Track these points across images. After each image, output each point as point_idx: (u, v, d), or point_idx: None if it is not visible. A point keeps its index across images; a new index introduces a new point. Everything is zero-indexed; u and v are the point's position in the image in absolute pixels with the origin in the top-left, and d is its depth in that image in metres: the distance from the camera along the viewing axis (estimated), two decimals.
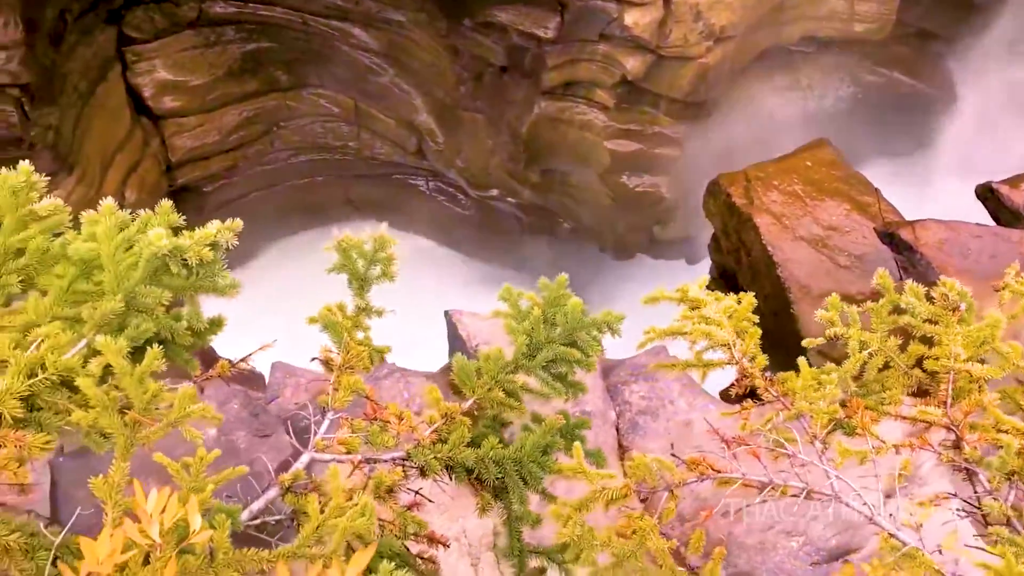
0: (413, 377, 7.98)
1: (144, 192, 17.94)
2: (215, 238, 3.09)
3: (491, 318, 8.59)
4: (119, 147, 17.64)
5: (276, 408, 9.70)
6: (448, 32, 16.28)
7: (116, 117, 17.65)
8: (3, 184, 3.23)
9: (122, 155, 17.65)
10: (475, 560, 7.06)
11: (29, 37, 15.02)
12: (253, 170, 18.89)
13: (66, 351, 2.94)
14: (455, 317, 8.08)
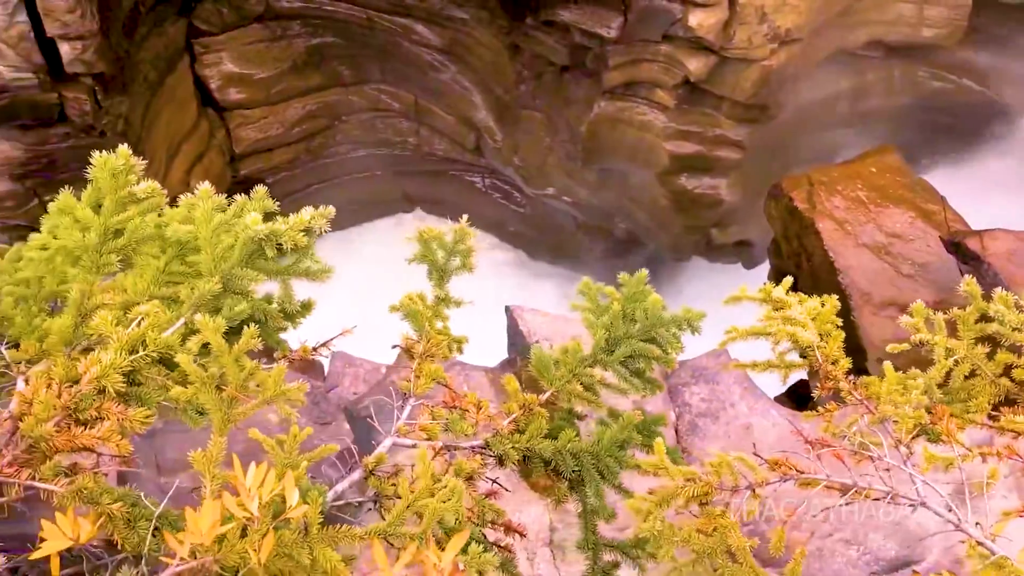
0: (472, 371, 8.03)
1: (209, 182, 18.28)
2: (309, 224, 3.16)
3: (552, 314, 8.62)
4: (185, 137, 18.03)
5: (335, 397, 9.85)
6: (510, 30, 16.33)
7: (183, 108, 18.04)
8: (104, 166, 3.33)
9: (188, 145, 18.04)
10: (531, 555, 7.09)
11: (104, 27, 15.42)
12: (314, 163, 19.15)
13: (165, 329, 3.04)
14: (516, 313, 8.12)
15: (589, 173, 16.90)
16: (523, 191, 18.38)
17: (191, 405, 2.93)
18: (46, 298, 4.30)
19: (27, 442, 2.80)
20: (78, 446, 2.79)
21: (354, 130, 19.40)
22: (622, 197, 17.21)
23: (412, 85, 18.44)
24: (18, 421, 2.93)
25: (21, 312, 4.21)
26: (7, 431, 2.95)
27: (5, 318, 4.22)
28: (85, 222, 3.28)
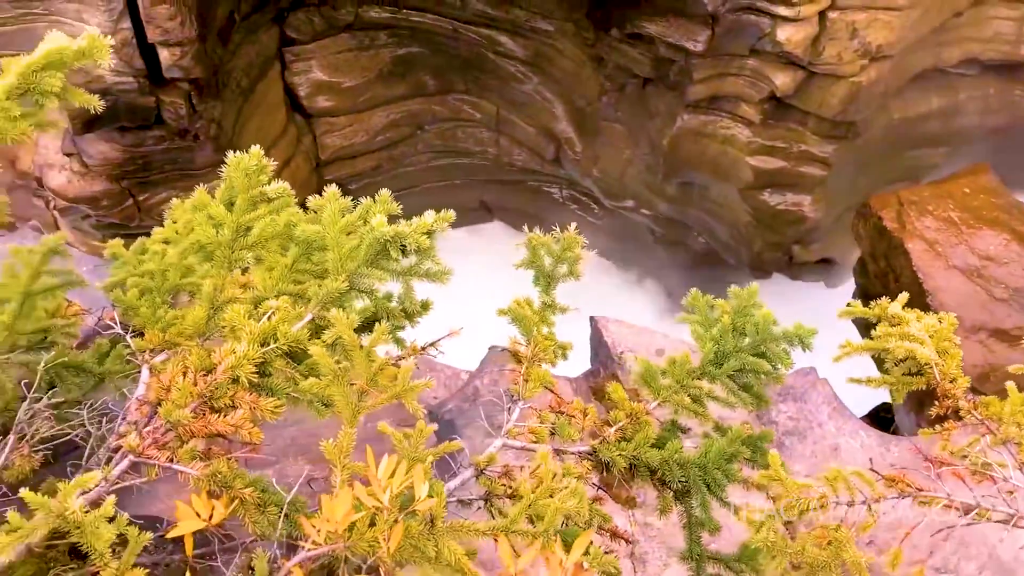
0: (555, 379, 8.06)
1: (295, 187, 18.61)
2: (431, 227, 3.25)
3: (636, 326, 8.61)
4: (274, 143, 18.51)
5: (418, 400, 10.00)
6: (595, 42, 16.39)
7: (273, 114, 18.54)
8: (237, 166, 3.48)
9: (276, 150, 18.51)
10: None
11: (202, 35, 15.97)
12: (396, 171, 19.46)
13: (293, 324, 3.15)
14: (600, 323, 8.13)
15: (669, 186, 16.82)
16: (601, 203, 18.38)
17: (318, 397, 3.04)
18: (169, 290, 4.50)
19: (165, 426, 2.93)
20: (213, 432, 2.92)
21: (435, 139, 19.67)
22: (702, 211, 17.08)
23: (494, 95, 18.61)
24: (156, 406, 3.08)
25: (146, 303, 4.40)
26: (145, 415, 3.10)
27: (131, 308, 4.42)
28: (218, 219, 3.43)
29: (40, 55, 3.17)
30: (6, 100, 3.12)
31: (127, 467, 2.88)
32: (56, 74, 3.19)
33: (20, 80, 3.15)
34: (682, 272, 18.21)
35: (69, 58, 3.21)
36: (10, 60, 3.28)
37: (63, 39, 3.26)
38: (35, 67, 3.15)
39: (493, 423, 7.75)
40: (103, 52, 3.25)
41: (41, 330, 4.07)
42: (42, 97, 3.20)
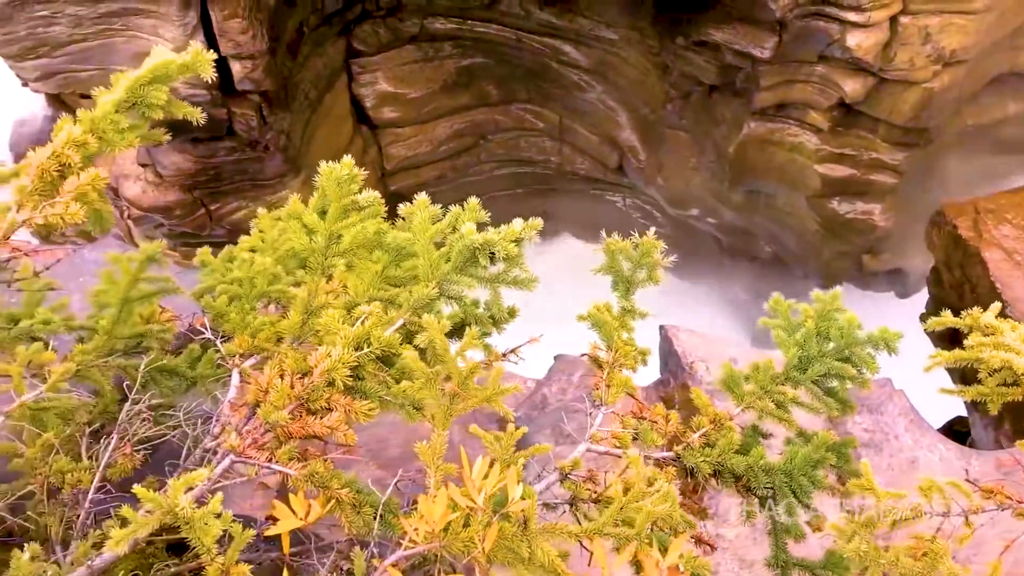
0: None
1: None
2: (520, 235, 3.30)
3: (707, 335, 8.56)
4: (340, 153, 18.76)
5: (484, 407, 10.07)
6: (659, 50, 16.34)
7: (339, 125, 18.89)
8: (330, 176, 3.58)
9: None
10: None
11: (272, 48, 16.36)
12: (459, 180, 19.64)
13: (386, 328, 3.23)
14: (671, 332, 8.10)
15: (735, 195, 16.67)
16: (666, 212, 18.29)
17: (410, 401, 3.11)
18: (257, 297, 4.64)
19: (264, 427, 3.03)
20: (309, 433, 3.00)
21: (498, 149, 19.80)
22: (769, 220, 16.89)
23: (557, 104, 18.67)
24: (254, 408, 3.18)
25: (235, 309, 4.55)
26: (243, 417, 3.21)
27: (220, 314, 4.57)
28: (312, 227, 3.53)
29: (147, 70, 3.31)
30: (115, 113, 3.26)
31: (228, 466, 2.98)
32: (161, 88, 3.33)
33: (128, 94, 3.30)
34: (747, 281, 18.02)
35: (174, 72, 3.35)
36: (119, 75, 3.43)
37: (168, 54, 3.40)
38: (142, 81, 3.29)
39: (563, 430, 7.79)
40: (206, 66, 3.38)
41: (137, 335, 4.23)
42: (148, 110, 3.34)
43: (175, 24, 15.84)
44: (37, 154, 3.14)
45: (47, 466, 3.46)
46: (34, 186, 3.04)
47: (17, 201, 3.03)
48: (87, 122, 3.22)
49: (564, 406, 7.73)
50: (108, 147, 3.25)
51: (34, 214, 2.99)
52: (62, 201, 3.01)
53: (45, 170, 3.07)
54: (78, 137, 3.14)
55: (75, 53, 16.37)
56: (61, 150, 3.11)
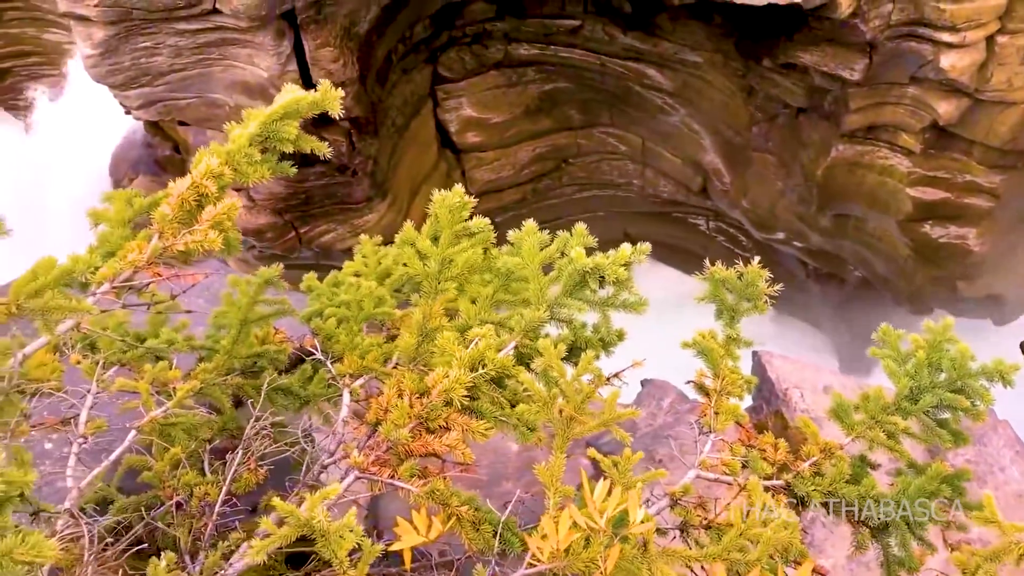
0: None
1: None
2: (629, 259, 3.36)
3: (801, 361, 8.44)
4: (425, 177, 19.22)
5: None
6: (745, 73, 16.25)
7: (425, 150, 19.27)
8: (443, 203, 3.71)
9: (427, 185, 19.21)
10: None
11: (362, 75, 16.83)
12: (541, 203, 19.78)
13: (499, 351, 3.32)
14: (765, 358, 8.02)
15: (823, 218, 16.39)
16: (751, 235, 18.09)
17: (524, 422, 3.19)
18: (365, 319, 4.80)
19: (386, 444, 3.15)
20: (429, 451, 3.10)
21: (580, 172, 19.90)
22: (858, 244, 16.54)
23: (640, 128, 18.70)
24: (374, 426, 3.30)
25: (343, 331, 4.71)
26: (364, 435, 3.33)
27: (329, 336, 4.74)
28: (425, 252, 3.66)
29: (279, 106, 3.50)
30: (249, 147, 3.45)
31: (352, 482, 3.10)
32: (292, 123, 3.51)
33: (261, 128, 3.48)
34: (833, 306, 17.66)
35: (304, 109, 3.53)
36: (251, 111, 3.62)
37: (298, 91, 3.58)
38: (275, 117, 3.48)
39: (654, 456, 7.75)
40: (334, 103, 3.54)
41: (255, 355, 4.42)
42: (279, 144, 3.52)
43: (269, 53, 16.44)
44: (177, 184, 3.34)
45: (175, 479, 3.64)
46: (175, 214, 3.23)
47: (159, 228, 3.22)
48: (223, 155, 3.41)
49: (655, 432, 7.71)
50: (242, 178, 3.43)
51: (175, 241, 3.17)
52: (200, 229, 3.19)
53: (185, 199, 3.27)
54: (215, 169, 3.33)
55: (175, 82, 17.12)
56: (200, 181, 3.30)
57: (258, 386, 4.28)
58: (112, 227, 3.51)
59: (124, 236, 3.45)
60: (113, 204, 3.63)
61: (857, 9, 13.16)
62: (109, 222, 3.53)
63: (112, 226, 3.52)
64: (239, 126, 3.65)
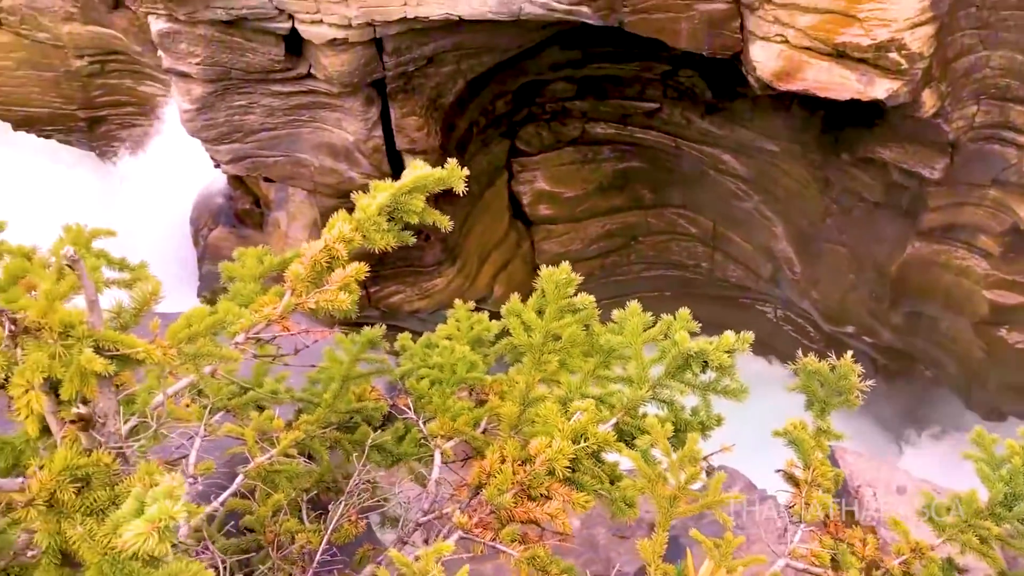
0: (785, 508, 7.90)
1: (510, 289, 19.63)
2: (733, 346, 3.47)
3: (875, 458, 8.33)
4: (495, 246, 19.56)
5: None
6: (822, 164, 16.33)
7: (497, 219, 19.64)
8: (550, 278, 3.88)
9: (497, 253, 19.54)
10: None
11: (444, 144, 17.37)
12: (608, 279, 19.92)
13: (600, 425, 3.44)
14: (837, 453, 7.94)
15: (895, 315, 16.20)
16: (819, 327, 17.93)
17: (623, 498, 3.28)
18: (457, 383, 4.95)
19: (488, 508, 3.26)
20: (530, 518, 3.21)
21: (649, 250, 20.04)
22: (930, 343, 16.28)
23: (712, 211, 18.82)
24: (476, 489, 3.42)
25: (436, 393, 4.87)
26: (466, 496, 3.45)
27: (421, 397, 4.90)
28: (530, 324, 3.82)
29: (409, 180, 3.73)
30: (378, 216, 3.68)
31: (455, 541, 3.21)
32: (420, 196, 3.73)
33: (390, 199, 3.71)
34: (901, 404, 17.30)
35: (432, 184, 3.75)
36: (379, 183, 3.87)
37: (426, 167, 3.81)
38: (404, 190, 3.71)
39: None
40: (459, 181, 3.75)
41: (352, 410, 4.60)
42: (406, 215, 3.74)
43: (357, 119, 17.09)
44: (311, 246, 3.57)
45: (277, 525, 3.80)
46: (307, 274, 3.45)
47: (291, 286, 3.44)
48: (354, 222, 3.64)
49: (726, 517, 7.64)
50: (370, 244, 3.65)
51: (306, 299, 3.39)
52: (331, 289, 3.40)
53: (317, 260, 3.49)
54: (347, 234, 3.56)
55: (265, 140, 17.86)
56: (332, 244, 3.53)
57: (355, 440, 4.44)
58: (244, 281, 3.74)
59: (255, 290, 3.68)
60: (245, 260, 3.87)
61: (941, 109, 13.23)
62: (241, 277, 3.77)
63: (244, 280, 3.75)
64: (368, 196, 3.89)
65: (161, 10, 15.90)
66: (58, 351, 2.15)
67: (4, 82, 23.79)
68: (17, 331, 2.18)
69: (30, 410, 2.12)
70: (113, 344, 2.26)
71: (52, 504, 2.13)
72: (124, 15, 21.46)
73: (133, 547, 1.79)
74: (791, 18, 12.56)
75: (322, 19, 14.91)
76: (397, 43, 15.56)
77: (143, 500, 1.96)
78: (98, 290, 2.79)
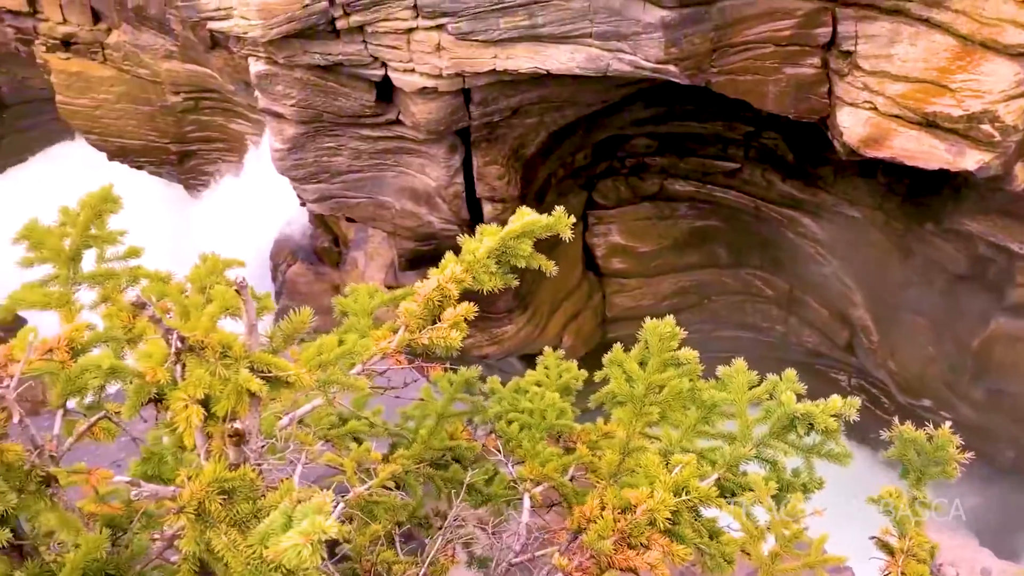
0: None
1: (579, 340, 19.67)
2: (840, 410, 3.48)
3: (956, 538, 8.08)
4: (567, 296, 19.65)
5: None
6: (905, 233, 16.11)
7: (569, 270, 19.76)
8: (654, 331, 3.95)
9: (568, 304, 19.62)
10: None
11: (522, 194, 17.63)
12: None
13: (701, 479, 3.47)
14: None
15: (975, 390, 15.75)
16: (894, 398, 17.51)
17: (723, 554, 3.30)
18: (547, 429, 5.02)
19: (588, 553, 3.31)
20: (629, 566, 3.24)
21: (722, 310, 19.89)
22: (1012, 422, 15.75)
23: (788, 274, 18.65)
24: (576, 533, 3.47)
25: (526, 437, 4.94)
26: (564, 540, 3.50)
27: (511, 440, 4.97)
28: (633, 375, 3.88)
29: (518, 225, 3.86)
30: (487, 258, 3.81)
31: None
32: (528, 241, 3.85)
33: (500, 243, 3.84)
34: (980, 483, 16.70)
35: (539, 230, 3.88)
36: (487, 227, 4.00)
37: (533, 214, 3.94)
38: (513, 234, 3.84)
39: None
40: (566, 228, 3.87)
41: (446, 448, 4.69)
42: (514, 259, 3.87)
43: (440, 165, 17.49)
44: (424, 285, 3.71)
45: (374, 555, 3.89)
46: (420, 311, 3.58)
47: (405, 322, 3.57)
48: (465, 264, 3.77)
49: None
50: (479, 286, 3.78)
51: (420, 335, 3.52)
52: (443, 327, 3.52)
53: (430, 299, 3.62)
54: (458, 275, 3.69)
55: (350, 181, 18.36)
56: (444, 284, 3.67)
57: (447, 478, 4.53)
58: (356, 316, 3.90)
59: (367, 325, 3.82)
60: (357, 296, 4.03)
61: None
62: (354, 311, 3.92)
63: (356, 315, 3.91)
64: (475, 240, 4.02)
65: (261, 53, 16.59)
66: (218, 370, 2.31)
67: (104, 114, 24.97)
68: (183, 349, 2.34)
69: (188, 423, 2.28)
70: (266, 366, 2.41)
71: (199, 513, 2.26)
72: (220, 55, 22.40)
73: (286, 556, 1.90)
74: (881, 86, 12.53)
75: (414, 68, 15.38)
76: (484, 94, 15.94)
77: (290, 514, 2.07)
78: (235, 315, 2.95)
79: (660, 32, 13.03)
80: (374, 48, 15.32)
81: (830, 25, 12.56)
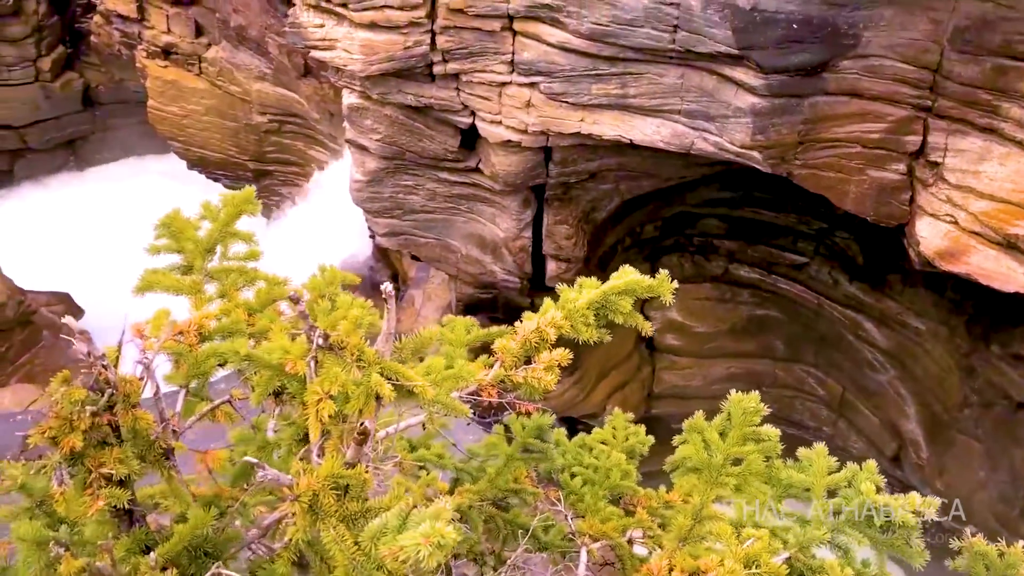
0: None
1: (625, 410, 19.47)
2: (919, 508, 3.48)
3: None
4: (616, 365, 19.61)
5: None
6: (968, 352, 15.85)
7: (622, 340, 19.74)
8: (738, 404, 4.00)
9: (616, 372, 19.57)
10: None
11: (588, 256, 17.78)
12: None
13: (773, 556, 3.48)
14: None
15: None
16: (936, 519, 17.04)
17: None
18: (610, 488, 5.05)
19: None
20: None
21: (771, 402, 19.41)
22: None
23: (843, 377, 18.41)
24: None
25: (589, 492, 4.98)
26: None
27: (573, 493, 5.01)
28: (712, 444, 3.93)
29: (621, 283, 3.97)
30: (587, 309, 3.92)
31: None
32: (628, 299, 3.95)
33: (601, 297, 3.95)
34: None
35: (641, 290, 3.98)
36: (587, 280, 4.12)
37: (637, 274, 4.04)
38: (616, 290, 3.94)
39: None
40: (668, 291, 3.96)
41: (510, 490, 4.75)
42: (612, 314, 3.97)
43: (511, 217, 17.74)
44: (523, 325, 3.82)
45: None
46: (517, 349, 3.69)
47: (502, 358, 3.68)
48: (565, 311, 3.88)
49: None
50: (575, 335, 3.88)
51: (515, 372, 3.62)
52: (538, 367, 3.62)
53: (528, 339, 3.73)
54: (557, 320, 3.80)
55: (421, 220, 18.69)
56: (543, 327, 3.77)
57: (507, 519, 4.58)
58: (452, 348, 4.01)
59: (462, 356, 3.94)
60: (454, 327, 4.15)
61: None
62: (450, 342, 4.04)
63: (452, 347, 4.03)
64: (574, 291, 4.14)
65: (356, 86, 17.10)
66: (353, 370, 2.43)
67: (191, 124, 25.86)
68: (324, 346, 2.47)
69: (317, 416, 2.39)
70: (395, 374, 2.52)
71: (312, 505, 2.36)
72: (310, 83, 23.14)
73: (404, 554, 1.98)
74: (965, 201, 12.49)
75: (502, 121, 15.72)
76: (565, 154, 16.21)
77: (405, 517, 2.16)
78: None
79: (749, 118, 13.18)
80: (466, 96, 15.72)
81: (921, 134, 12.59)
